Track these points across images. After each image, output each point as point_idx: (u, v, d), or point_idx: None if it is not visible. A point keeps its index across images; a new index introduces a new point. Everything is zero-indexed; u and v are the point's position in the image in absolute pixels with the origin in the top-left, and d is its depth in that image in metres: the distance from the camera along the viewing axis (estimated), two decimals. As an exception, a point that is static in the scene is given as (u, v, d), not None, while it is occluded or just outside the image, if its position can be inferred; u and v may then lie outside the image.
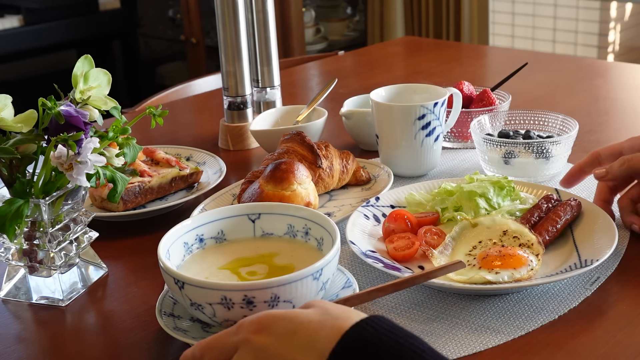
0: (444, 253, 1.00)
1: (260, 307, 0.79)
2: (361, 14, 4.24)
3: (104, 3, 3.79)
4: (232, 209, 0.96)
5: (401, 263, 1.00)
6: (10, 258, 0.99)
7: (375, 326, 0.66)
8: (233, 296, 0.78)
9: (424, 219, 1.08)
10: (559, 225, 1.02)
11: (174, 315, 0.87)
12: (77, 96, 0.94)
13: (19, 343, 0.92)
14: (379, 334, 0.65)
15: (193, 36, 3.91)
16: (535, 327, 0.87)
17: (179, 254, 0.91)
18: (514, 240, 0.99)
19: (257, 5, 1.51)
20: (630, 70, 1.96)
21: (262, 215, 0.95)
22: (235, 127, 1.50)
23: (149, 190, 1.22)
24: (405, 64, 2.19)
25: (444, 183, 1.14)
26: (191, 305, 0.82)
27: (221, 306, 0.79)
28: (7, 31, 3.43)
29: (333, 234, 0.88)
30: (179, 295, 0.82)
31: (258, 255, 0.92)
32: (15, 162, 0.95)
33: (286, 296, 0.79)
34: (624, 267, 0.98)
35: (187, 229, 0.92)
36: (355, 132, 1.43)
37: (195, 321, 0.87)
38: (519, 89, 1.68)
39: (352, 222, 1.06)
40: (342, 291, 0.89)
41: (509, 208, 1.08)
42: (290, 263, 0.90)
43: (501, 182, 1.09)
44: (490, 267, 0.94)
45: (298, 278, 0.79)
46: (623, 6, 3.54)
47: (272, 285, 0.78)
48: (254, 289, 0.78)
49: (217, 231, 0.94)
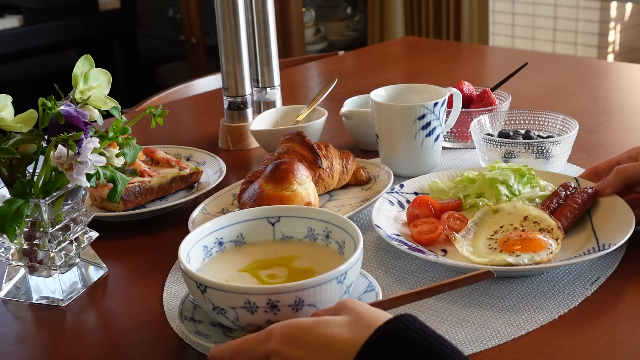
0: (466, 237, 1.03)
1: (284, 310, 0.77)
2: (361, 14, 4.24)
3: (104, 3, 3.79)
4: (252, 212, 0.94)
5: (424, 246, 1.03)
6: (10, 258, 0.99)
7: (408, 324, 0.66)
8: (257, 300, 0.77)
9: (446, 205, 1.11)
10: (576, 211, 1.05)
11: (195, 320, 0.86)
12: (77, 96, 0.94)
13: (19, 343, 0.92)
14: (411, 331, 0.66)
15: (193, 36, 3.91)
16: (535, 327, 0.87)
17: (199, 257, 0.89)
18: (534, 225, 1.02)
19: (257, 5, 1.51)
20: (630, 70, 1.96)
21: (282, 218, 0.94)
22: (235, 127, 1.50)
23: (149, 190, 1.22)
24: (405, 64, 2.19)
25: (466, 171, 1.16)
26: (213, 309, 0.80)
27: (244, 310, 0.78)
28: (7, 31, 3.43)
29: (356, 237, 0.86)
30: (201, 299, 0.81)
31: (277, 257, 0.91)
32: (15, 162, 0.95)
33: (310, 300, 0.78)
34: (624, 267, 0.99)
35: (206, 232, 0.91)
36: (355, 132, 1.43)
37: (216, 325, 0.86)
38: (519, 89, 1.68)
39: (377, 208, 1.09)
40: (364, 295, 0.88)
41: (529, 195, 1.11)
42: (311, 266, 0.89)
43: (522, 169, 1.12)
44: (511, 250, 0.97)
45: (322, 282, 0.78)
46: (623, 6, 3.54)
47: (296, 289, 0.77)
48: (278, 292, 0.77)
49: (237, 234, 0.93)
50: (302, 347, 0.68)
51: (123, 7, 3.86)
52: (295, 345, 0.68)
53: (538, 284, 0.95)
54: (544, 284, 0.95)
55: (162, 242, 1.14)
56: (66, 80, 0.95)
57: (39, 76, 3.76)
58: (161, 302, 0.98)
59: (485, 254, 0.99)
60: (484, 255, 0.98)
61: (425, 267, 1.01)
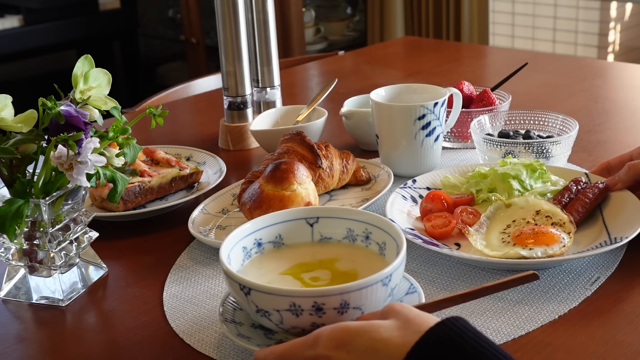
0: (479, 231, 1.04)
1: (330, 313, 0.77)
2: (361, 14, 4.24)
3: (104, 3, 3.79)
4: (290, 213, 0.93)
5: (438, 240, 1.04)
6: (10, 258, 0.99)
7: (460, 327, 0.65)
8: (302, 303, 0.76)
9: (459, 199, 1.12)
10: (588, 205, 1.06)
11: (236, 322, 0.85)
12: (77, 96, 0.94)
13: (19, 343, 0.92)
14: (463, 334, 0.65)
15: (193, 36, 3.91)
16: (535, 327, 0.87)
17: (239, 258, 0.89)
18: (547, 219, 1.03)
19: (257, 5, 1.51)
20: (630, 70, 1.96)
21: (321, 219, 0.93)
22: (235, 127, 1.50)
23: (149, 190, 1.22)
24: (405, 64, 2.19)
25: (478, 167, 1.17)
26: (257, 311, 0.79)
27: (289, 313, 0.77)
28: (7, 31, 3.43)
29: (398, 239, 0.85)
30: (244, 301, 0.80)
31: (318, 260, 0.90)
32: (15, 162, 0.95)
33: (356, 303, 0.77)
34: (624, 267, 0.99)
35: (245, 233, 0.90)
36: (355, 132, 1.43)
37: (257, 327, 0.85)
38: (519, 89, 1.68)
39: (390, 203, 1.11)
40: (406, 297, 0.88)
41: (541, 190, 1.12)
42: (353, 269, 0.88)
43: (533, 165, 1.13)
44: (524, 243, 0.98)
45: (368, 284, 0.77)
46: (623, 6, 3.54)
47: (342, 292, 0.76)
48: (323, 295, 0.76)
49: (275, 235, 0.92)
50: (350, 351, 0.67)
51: (123, 7, 3.86)
52: (344, 349, 0.67)
53: (538, 283, 0.95)
54: (544, 284, 0.95)
55: (162, 242, 1.14)
56: (66, 80, 0.94)
57: (39, 76, 3.76)
58: (161, 302, 0.98)
59: (498, 247, 1.00)
60: (498, 249, 0.99)
61: (438, 261, 1.02)
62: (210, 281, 1.02)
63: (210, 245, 1.09)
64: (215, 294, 0.99)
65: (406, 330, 0.67)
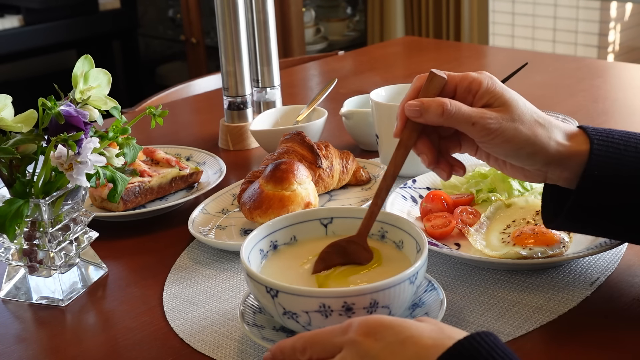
0: (479, 231, 1.04)
1: (359, 313, 0.77)
2: (361, 14, 4.24)
3: (104, 3, 3.79)
4: (305, 214, 0.93)
5: (438, 240, 1.04)
6: (10, 258, 0.99)
7: (489, 342, 0.65)
8: (332, 303, 0.76)
9: (459, 199, 1.13)
10: None
11: (257, 325, 0.85)
12: (77, 96, 0.94)
13: (19, 343, 0.92)
14: (492, 350, 0.64)
15: (193, 36, 3.91)
16: (535, 327, 0.87)
17: (256, 261, 0.88)
18: None
19: (257, 5, 1.51)
20: (630, 70, 1.96)
21: (335, 220, 0.93)
22: (235, 127, 1.50)
23: (149, 190, 1.22)
24: (405, 64, 2.19)
25: (477, 167, 1.18)
26: (284, 314, 0.79)
27: (319, 314, 0.77)
28: (7, 31, 3.43)
29: (417, 237, 0.85)
30: (271, 303, 0.79)
31: None
32: (15, 162, 0.95)
33: (385, 302, 0.77)
34: (624, 267, 0.99)
35: (261, 236, 0.90)
36: (355, 132, 1.43)
37: (279, 330, 0.85)
38: (519, 89, 1.67)
39: (390, 203, 1.10)
40: (424, 294, 0.88)
41: (541, 190, 1.10)
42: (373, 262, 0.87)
43: None
44: (524, 243, 0.98)
45: (396, 283, 0.77)
46: (623, 6, 3.54)
47: (371, 291, 0.76)
48: (353, 295, 0.76)
49: (290, 237, 0.92)
50: (379, 340, 0.67)
51: (123, 7, 3.86)
52: (373, 337, 0.67)
53: (538, 283, 0.95)
54: (544, 283, 0.95)
55: (162, 242, 1.14)
56: (66, 80, 0.95)
57: (39, 76, 3.76)
58: (161, 302, 0.98)
59: (498, 247, 1.00)
60: (498, 249, 0.99)
61: (438, 261, 1.02)
62: (210, 281, 1.02)
63: (210, 246, 1.09)
64: (215, 294, 0.99)
65: (438, 334, 0.67)
